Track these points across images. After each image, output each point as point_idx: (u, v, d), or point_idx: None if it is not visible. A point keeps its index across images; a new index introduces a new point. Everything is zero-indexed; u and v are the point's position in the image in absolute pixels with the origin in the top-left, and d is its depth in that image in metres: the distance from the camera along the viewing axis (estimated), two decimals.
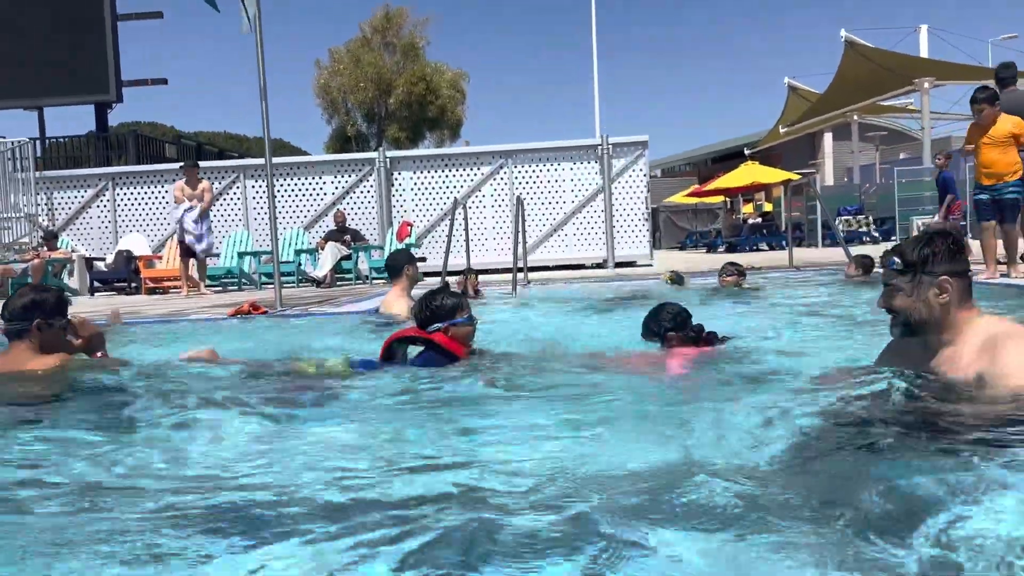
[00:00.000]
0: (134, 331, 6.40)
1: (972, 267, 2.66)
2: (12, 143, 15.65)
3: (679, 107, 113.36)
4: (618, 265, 15.45)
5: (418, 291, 6.36)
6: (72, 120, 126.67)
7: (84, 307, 9.11)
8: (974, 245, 9.72)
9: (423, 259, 12.98)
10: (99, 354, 3.83)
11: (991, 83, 8.89)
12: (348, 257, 13.97)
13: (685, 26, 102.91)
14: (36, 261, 12.47)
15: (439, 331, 3.63)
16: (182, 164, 12.78)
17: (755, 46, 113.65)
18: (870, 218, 22.46)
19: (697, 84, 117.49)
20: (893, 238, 22.06)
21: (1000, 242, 8.11)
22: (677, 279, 9.05)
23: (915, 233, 20.84)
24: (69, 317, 3.74)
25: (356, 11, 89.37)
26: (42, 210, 16.15)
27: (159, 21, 20.91)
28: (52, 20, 18.70)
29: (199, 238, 11.85)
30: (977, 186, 8.14)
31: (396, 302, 5.97)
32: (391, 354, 3.69)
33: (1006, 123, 7.76)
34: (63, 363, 3.61)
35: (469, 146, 19.53)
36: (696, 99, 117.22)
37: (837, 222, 18.92)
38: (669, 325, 3.86)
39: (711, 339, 3.92)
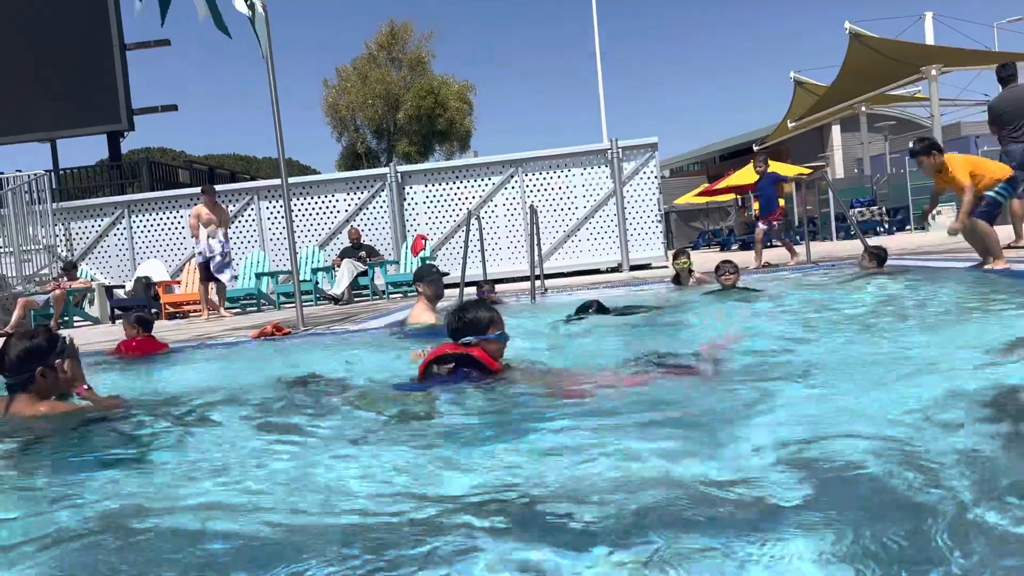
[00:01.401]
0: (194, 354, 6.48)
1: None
2: (29, 176, 15.85)
3: (685, 106, 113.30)
4: (633, 268, 15.46)
5: (442, 304, 6.42)
6: (85, 149, 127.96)
7: (106, 335, 9.20)
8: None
9: (446, 273, 12.99)
10: (85, 387, 3.67)
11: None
12: (364, 273, 14.04)
13: (688, 25, 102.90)
14: (57, 292, 12.62)
15: (474, 345, 3.62)
16: (201, 188, 12.80)
17: (759, 42, 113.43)
18: (883, 208, 22.35)
19: (702, 82, 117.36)
20: (908, 227, 21.96)
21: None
22: (686, 257, 9.03)
23: (930, 223, 20.67)
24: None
25: (362, 29, 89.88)
26: (60, 241, 16.35)
27: (167, 48, 21.09)
28: (62, 53, 18.94)
29: (226, 265, 11.96)
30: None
31: (423, 315, 6.02)
32: (428, 373, 3.68)
33: (947, 171, 7.48)
34: (55, 410, 3.52)
35: (479, 157, 19.58)
36: (702, 97, 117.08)
37: (851, 214, 18.84)
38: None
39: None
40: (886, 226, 21.64)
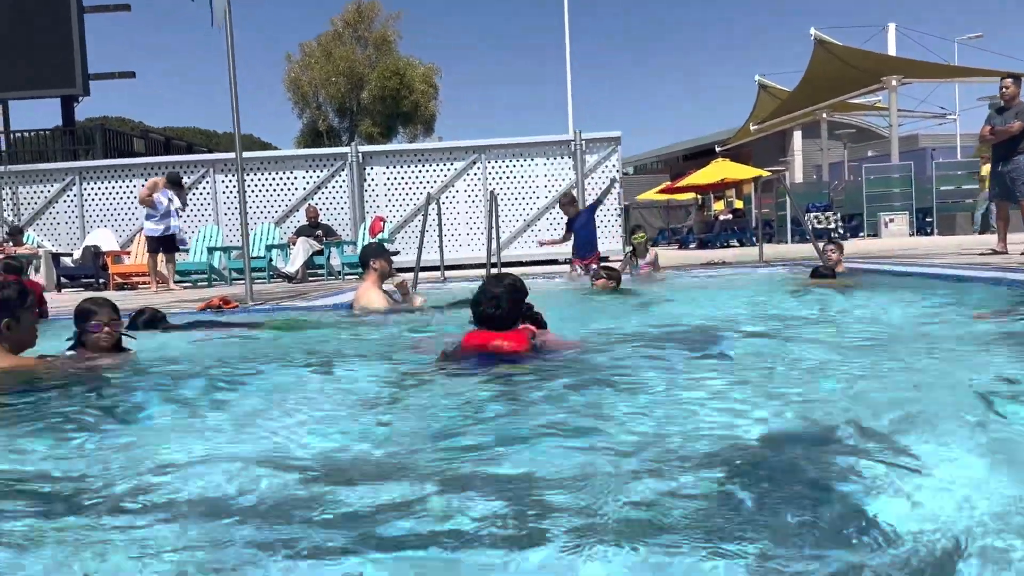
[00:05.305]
0: None
1: None
2: None
3: (652, 105, 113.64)
4: None
5: (389, 286, 6.36)
6: (38, 114, 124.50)
7: (51, 304, 8.97)
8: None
9: (396, 252, 12.92)
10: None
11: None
12: (320, 252, 13.90)
13: (657, 25, 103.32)
14: (0, 257, 12.28)
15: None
16: (168, 178, 12.22)
17: (726, 45, 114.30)
18: (838, 214, 22.70)
19: (669, 83, 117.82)
20: (861, 234, 22.35)
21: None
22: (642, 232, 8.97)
23: (883, 228, 21.07)
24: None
25: (328, 5, 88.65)
26: (7, 205, 15.90)
27: (127, 14, 20.62)
28: (17, 13, 18.39)
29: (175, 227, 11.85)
30: None
31: (367, 295, 5.95)
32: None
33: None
34: (36, 365, 3.52)
35: (442, 141, 19.48)
36: (668, 98, 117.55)
37: (806, 218, 19.13)
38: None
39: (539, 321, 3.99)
40: (840, 231, 21.96)
